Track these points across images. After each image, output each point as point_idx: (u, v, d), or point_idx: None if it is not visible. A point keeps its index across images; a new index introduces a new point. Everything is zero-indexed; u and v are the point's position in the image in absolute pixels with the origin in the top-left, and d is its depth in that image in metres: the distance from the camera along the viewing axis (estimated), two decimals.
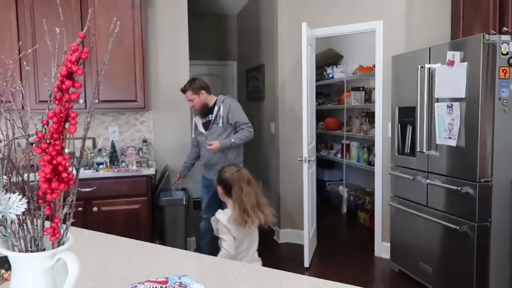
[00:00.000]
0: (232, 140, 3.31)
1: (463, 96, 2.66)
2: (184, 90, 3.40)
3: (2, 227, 0.78)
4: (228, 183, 2.29)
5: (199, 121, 3.47)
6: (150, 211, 3.28)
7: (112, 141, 3.50)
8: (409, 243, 3.24)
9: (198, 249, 3.69)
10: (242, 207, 2.13)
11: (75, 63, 0.65)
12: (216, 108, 3.37)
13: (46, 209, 0.73)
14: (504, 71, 2.54)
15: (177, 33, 3.87)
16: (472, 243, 2.61)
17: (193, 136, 3.61)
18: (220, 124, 3.34)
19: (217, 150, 3.29)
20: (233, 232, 2.14)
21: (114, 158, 3.37)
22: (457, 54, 2.70)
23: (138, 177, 3.25)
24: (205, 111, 3.40)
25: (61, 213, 0.75)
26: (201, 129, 3.44)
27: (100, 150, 3.52)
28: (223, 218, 2.18)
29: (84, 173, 3.16)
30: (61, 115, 0.67)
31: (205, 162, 3.48)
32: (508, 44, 2.54)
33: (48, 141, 0.68)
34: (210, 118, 3.39)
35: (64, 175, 0.68)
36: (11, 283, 0.77)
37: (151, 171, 3.32)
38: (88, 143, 3.65)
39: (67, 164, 0.68)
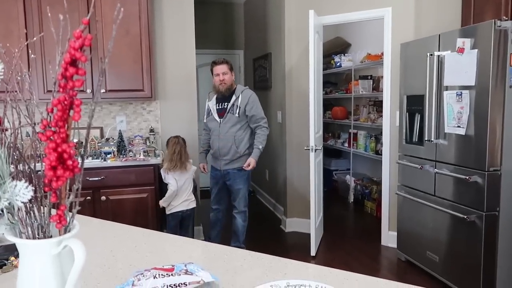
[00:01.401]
0: (261, 147, 3.31)
1: (472, 84, 2.62)
2: (220, 62, 3.31)
3: (9, 214, 0.79)
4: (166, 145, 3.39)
5: (213, 106, 3.37)
6: (157, 200, 3.31)
7: (120, 130, 3.52)
8: (416, 232, 3.23)
9: (208, 240, 3.71)
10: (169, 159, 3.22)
11: (79, 50, 0.65)
12: (233, 97, 3.29)
13: (52, 197, 0.73)
14: None
15: (184, 22, 3.85)
16: (480, 232, 2.60)
17: (204, 121, 3.49)
18: (236, 115, 3.27)
19: (255, 164, 3.32)
20: (173, 175, 3.22)
21: (121, 147, 3.39)
22: (467, 41, 2.65)
23: (145, 166, 3.27)
24: (225, 95, 3.31)
25: (67, 200, 0.76)
26: (215, 116, 3.34)
27: (107, 139, 3.54)
28: (162, 169, 3.25)
29: (92, 163, 3.18)
30: (66, 102, 0.67)
31: (214, 152, 3.40)
32: None
33: (53, 128, 0.68)
34: (225, 106, 3.30)
35: (69, 162, 0.68)
36: (19, 269, 0.78)
37: (158, 160, 3.34)
38: (96, 132, 3.67)
39: (72, 151, 0.68)
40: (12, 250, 1.27)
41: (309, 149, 3.50)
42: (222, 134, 3.30)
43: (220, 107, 3.34)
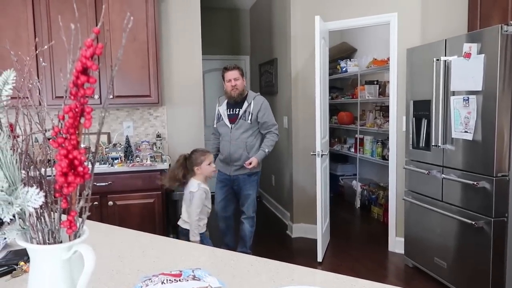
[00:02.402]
0: (267, 150, 3.31)
1: (480, 89, 2.61)
2: (232, 68, 3.32)
3: (21, 220, 0.80)
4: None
5: (224, 112, 3.37)
6: (164, 205, 3.32)
7: (127, 136, 3.54)
8: (424, 238, 3.21)
9: (227, 247, 3.63)
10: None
11: (90, 59, 0.66)
12: (246, 104, 3.30)
13: (62, 203, 0.75)
14: None
15: (190, 28, 3.88)
16: (488, 238, 2.58)
17: (214, 125, 3.47)
18: (248, 121, 3.28)
19: (258, 164, 3.30)
20: None
21: (128, 153, 3.42)
22: (474, 46, 2.65)
23: (152, 171, 3.28)
24: (237, 101, 3.32)
25: (77, 206, 0.77)
26: (226, 121, 3.35)
27: (115, 145, 3.57)
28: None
29: (100, 168, 3.21)
30: (77, 110, 0.68)
31: (225, 157, 3.38)
32: None
33: (64, 135, 0.69)
34: (236, 112, 3.32)
35: (80, 169, 0.69)
36: (30, 274, 0.79)
37: (165, 166, 3.35)
38: (103, 138, 3.70)
39: (82, 158, 0.69)
40: (21, 255, 1.28)
41: (315, 154, 3.50)
42: (233, 139, 3.30)
43: (231, 112, 3.35)
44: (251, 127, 3.29)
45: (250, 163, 3.26)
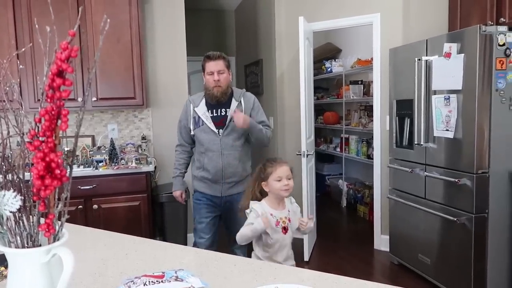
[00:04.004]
0: (260, 127, 2.58)
1: (460, 88, 2.67)
2: (216, 57, 2.55)
3: None
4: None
5: (205, 114, 2.59)
6: (150, 208, 3.30)
7: (111, 138, 3.51)
8: (408, 236, 3.25)
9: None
10: None
11: (66, 61, 0.66)
12: (234, 103, 2.59)
13: (40, 206, 0.74)
14: (501, 62, 2.55)
15: (175, 29, 3.87)
16: (470, 234, 2.63)
17: (192, 132, 2.64)
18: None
19: (245, 125, 2.46)
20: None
21: (113, 155, 3.39)
22: (454, 46, 2.70)
23: (137, 174, 3.26)
24: (220, 101, 2.58)
25: (56, 209, 0.77)
26: (211, 126, 2.56)
27: (99, 147, 3.54)
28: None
29: (84, 171, 3.18)
30: (53, 112, 0.68)
31: (213, 174, 2.58)
32: (505, 35, 2.54)
33: (41, 138, 0.69)
34: (223, 113, 2.58)
35: (57, 171, 0.69)
36: (8, 279, 0.79)
37: (150, 168, 3.34)
38: (88, 141, 3.66)
39: (59, 161, 0.69)
40: (1, 260, 1.27)
41: (300, 154, 3.53)
42: (225, 149, 2.55)
43: (216, 114, 2.59)
44: (244, 131, 2.57)
45: (239, 118, 2.44)
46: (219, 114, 2.60)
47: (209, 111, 2.60)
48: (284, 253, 1.98)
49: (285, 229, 2.00)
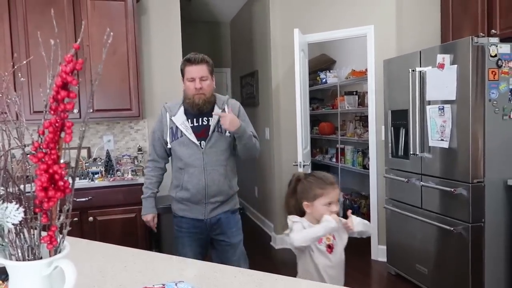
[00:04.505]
0: (248, 131, 2.23)
1: (453, 98, 2.70)
2: (198, 61, 2.19)
3: None
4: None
5: (184, 123, 2.24)
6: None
7: (107, 150, 3.50)
8: (405, 246, 3.25)
9: None
10: None
11: (70, 74, 0.67)
12: (217, 110, 2.26)
13: (43, 218, 0.74)
14: (493, 72, 2.59)
15: (171, 41, 3.89)
16: (466, 243, 2.64)
17: (168, 145, 2.27)
18: (227, 133, 2.23)
19: (233, 128, 2.13)
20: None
21: (109, 167, 3.37)
22: (447, 57, 2.74)
23: (133, 185, 3.24)
24: (201, 110, 2.22)
25: (58, 221, 0.76)
26: (191, 137, 2.21)
27: (95, 159, 3.52)
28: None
29: (80, 183, 3.15)
30: (57, 124, 0.68)
31: (193, 194, 2.22)
32: (497, 46, 2.58)
33: (44, 150, 0.69)
34: (204, 123, 2.24)
35: (61, 183, 0.69)
36: None
37: None
38: (83, 152, 3.65)
39: (63, 172, 0.69)
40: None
41: (297, 165, 3.53)
42: (208, 164, 2.20)
43: (196, 124, 2.24)
44: (229, 143, 2.27)
45: (226, 119, 2.12)
46: (200, 123, 2.24)
47: (189, 120, 2.24)
48: (332, 274, 1.72)
49: (329, 247, 1.75)
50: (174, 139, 2.25)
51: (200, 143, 2.21)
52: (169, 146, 2.27)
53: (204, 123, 2.24)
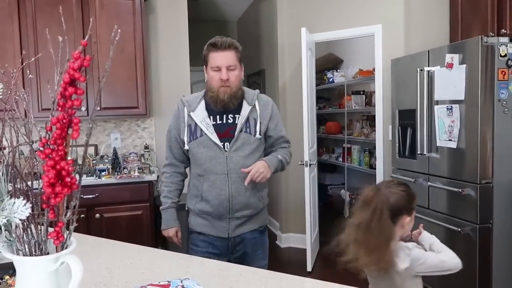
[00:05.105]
0: (280, 157, 1.93)
1: (462, 98, 2.67)
2: (225, 46, 1.86)
3: (7, 232, 0.79)
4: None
5: (205, 120, 1.85)
6: (152, 217, 3.29)
7: (114, 147, 3.52)
8: None
9: None
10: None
11: (78, 71, 0.67)
12: (246, 106, 1.89)
13: (50, 214, 0.75)
14: (503, 72, 2.56)
15: (178, 39, 3.91)
16: (474, 244, 2.61)
17: (186, 147, 1.89)
18: (257, 135, 1.87)
19: (269, 174, 1.81)
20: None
21: (116, 164, 3.39)
22: (456, 56, 2.72)
23: (140, 183, 3.26)
24: (226, 106, 1.84)
25: (65, 217, 0.77)
26: (213, 137, 1.82)
27: (102, 157, 3.54)
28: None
29: (87, 180, 3.17)
30: (64, 121, 0.69)
31: (215, 206, 1.81)
32: (507, 46, 2.55)
33: (51, 146, 0.70)
34: (230, 121, 1.85)
35: (68, 179, 0.70)
36: (16, 286, 0.79)
37: (153, 177, 3.34)
38: (90, 150, 3.67)
39: (70, 168, 0.70)
40: (6, 268, 1.26)
41: (303, 164, 3.52)
42: (232, 169, 1.81)
43: (220, 122, 1.86)
44: (259, 145, 1.90)
45: (255, 171, 1.76)
46: (224, 121, 1.85)
47: (211, 117, 1.86)
48: None
49: None
50: (193, 139, 1.86)
51: (224, 145, 1.81)
52: (186, 147, 1.88)
53: (229, 121, 1.85)
